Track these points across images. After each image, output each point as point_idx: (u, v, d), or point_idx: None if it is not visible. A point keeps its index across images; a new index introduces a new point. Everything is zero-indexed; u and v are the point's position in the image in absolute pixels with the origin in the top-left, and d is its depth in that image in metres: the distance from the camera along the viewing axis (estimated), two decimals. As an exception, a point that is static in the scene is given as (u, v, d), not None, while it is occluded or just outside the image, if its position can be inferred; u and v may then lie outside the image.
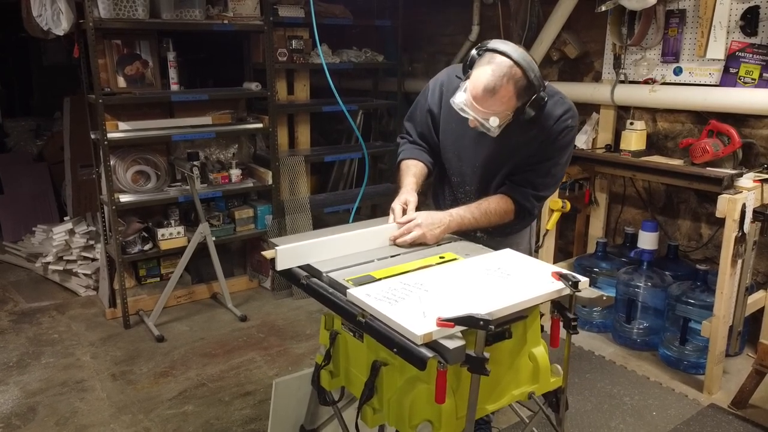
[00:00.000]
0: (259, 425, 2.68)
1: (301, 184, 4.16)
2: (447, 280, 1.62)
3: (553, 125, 1.93)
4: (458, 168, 2.13)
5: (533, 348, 1.67)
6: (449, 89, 2.03)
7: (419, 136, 2.20)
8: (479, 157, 2.05)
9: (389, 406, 1.55)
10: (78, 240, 4.21)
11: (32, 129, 6.03)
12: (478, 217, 1.98)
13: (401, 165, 2.18)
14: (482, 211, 1.99)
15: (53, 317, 3.79)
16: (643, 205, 3.65)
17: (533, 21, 3.94)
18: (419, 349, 1.32)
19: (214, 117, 3.85)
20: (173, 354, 3.31)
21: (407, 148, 2.20)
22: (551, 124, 1.92)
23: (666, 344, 3.15)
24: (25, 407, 2.84)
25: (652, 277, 3.22)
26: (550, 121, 1.92)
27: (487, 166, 2.05)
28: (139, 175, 3.72)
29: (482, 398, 1.53)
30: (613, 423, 2.66)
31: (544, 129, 1.93)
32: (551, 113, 1.92)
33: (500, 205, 2.00)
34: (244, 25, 3.75)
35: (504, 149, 1.99)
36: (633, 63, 3.44)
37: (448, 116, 2.06)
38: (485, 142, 2.00)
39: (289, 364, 3.21)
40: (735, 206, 2.65)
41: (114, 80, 3.56)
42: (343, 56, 4.39)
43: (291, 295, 4.04)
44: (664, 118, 3.46)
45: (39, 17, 3.33)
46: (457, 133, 2.07)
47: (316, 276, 1.76)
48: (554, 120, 1.92)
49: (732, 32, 3.04)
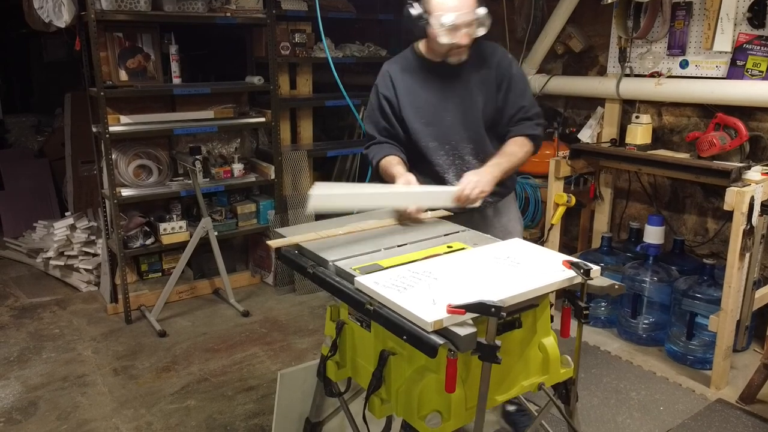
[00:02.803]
0: (263, 420, 2.65)
1: (303, 180, 4.14)
2: (456, 269, 1.59)
3: (500, 56, 2.21)
4: (443, 137, 2.20)
5: (543, 338, 1.65)
6: (396, 72, 2.22)
7: (383, 132, 2.24)
8: (458, 115, 2.19)
9: (397, 396, 1.53)
10: (79, 235, 4.19)
11: (33, 125, 6.02)
12: (509, 160, 2.13)
13: (379, 166, 2.20)
14: (508, 155, 2.15)
15: (54, 312, 3.77)
16: (649, 199, 3.63)
17: (537, 15, 3.92)
18: (429, 336, 1.30)
19: (217, 111, 3.83)
20: (175, 349, 3.28)
21: (376, 150, 2.23)
22: (498, 55, 2.21)
23: (672, 339, 3.13)
24: (26, 402, 2.81)
25: (658, 272, 3.20)
26: (495, 54, 2.21)
27: (467, 122, 2.19)
28: (141, 169, 3.69)
29: (492, 389, 1.50)
30: (620, 418, 2.63)
31: (495, 62, 2.19)
32: (491, 50, 2.22)
33: (518, 144, 2.18)
34: (246, 18, 3.73)
35: (473, 95, 2.18)
36: (638, 56, 3.41)
37: (408, 95, 2.19)
38: (455, 100, 2.18)
39: (291, 359, 3.18)
40: (743, 199, 2.63)
41: (116, 73, 3.54)
42: (346, 50, 4.36)
43: (293, 291, 4.02)
44: (670, 112, 3.43)
45: (40, 9, 3.31)
46: (427, 104, 2.19)
47: (322, 265, 1.74)
48: (497, 52, 2.22)
49: (739, 24, 3.01)
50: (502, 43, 4.14)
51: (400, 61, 2.26)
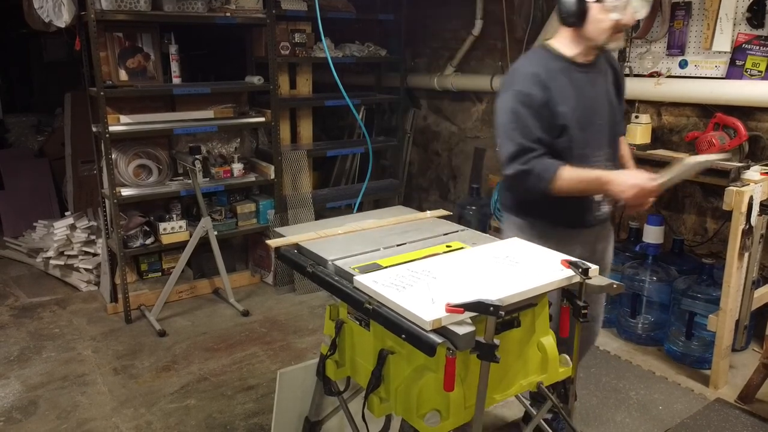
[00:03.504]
0: (262, 419, 2.65)
1: (303, 179, 4.14)
2: (455, 268, 1.60)
3: (610, 53, 2.20)
4: (596, 142, 2.07)
5: (542, 337, 1.65)
6: (543, 73, 1.95)
7: (538, 142, 1.93)
8: (605, 117, 2.10)
9: (396, 395, 1.53)
10: (79, 235, 4.19)
11: (33, 125, 6.02)
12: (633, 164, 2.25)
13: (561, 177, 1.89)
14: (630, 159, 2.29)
15: (54, 312, 3.77)
16: (648, 199, 3.62)
17: (537, 15, 3.91)
18: (428, 335, 1.30)
19: (216, 111, 3.83)
20: (175, 348, 3.29)
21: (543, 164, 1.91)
22: (610, 52, 2.19)
23: (671, 339, 3.13)
24: (26, 401, 2.82)
25: (657, 272, 3.20)
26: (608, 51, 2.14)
27: (612, 124, 2.13)
28: (141, 168, 3.70)
29: (491, 388, 1.51)
30: (619, 417, 2.64)
31: (611, 58, 2.18)
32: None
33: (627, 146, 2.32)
34: (246, 18, 3.73)
35: (610, 95, 2.14)
36: (638, 56, 3.41)
37: (564, 98, 1.97)
38: (601, 101, 2.09)
39: (291, 358, 3.19)
40: (742, 198, 2.63)
41: (116, 73, 3.54)
42: (345, 50, 4.37)
43: (293, 290, 4.02)
44: (670, 112, 3.43)
45: (40, 9, 3.31)
46: (580, 107, 2.01)
47: (321, 264, 1.74)
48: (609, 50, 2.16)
49: (738, 24, 3.01)
50: (502, 43, 4.15)
51: (540, 61, 2.01)
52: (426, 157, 5.09)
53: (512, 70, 2.03)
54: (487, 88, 4.24)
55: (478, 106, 4.56)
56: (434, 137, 4.97)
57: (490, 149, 4.46)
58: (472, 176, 4.65)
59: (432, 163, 5.05)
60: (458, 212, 4.17)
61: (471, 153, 4.67)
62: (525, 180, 1.90)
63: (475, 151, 4.62)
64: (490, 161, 4.50)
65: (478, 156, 4.60)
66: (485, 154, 4.54)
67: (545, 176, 1.87)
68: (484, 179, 4.47)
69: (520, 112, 1.91)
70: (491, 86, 4.19)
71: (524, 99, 1.92)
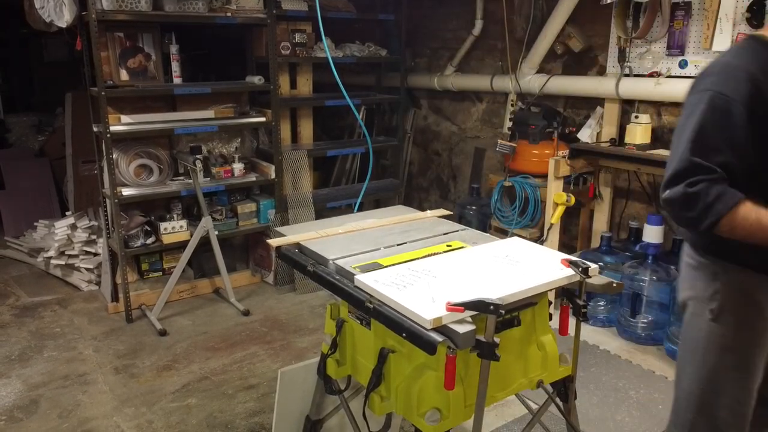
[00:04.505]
0: (263, 418, 2.66)
1: (303, 179, 4.15)
2: (455, 267, 1.60)
3: None
4: None
5: (542, 336, 1.66)
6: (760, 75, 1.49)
7: (723, 167, 1.45)
8: None
9: (397, 393, 1.54)
10: (80, 234, 4.20)
11: (34, 125, 6.03)
12: None
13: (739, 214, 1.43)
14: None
15: (55, 311, 3.78)
16: (648, 199, 3.63)
17: (537, 15, 3.92)
18: (429, 333, 1.31)
19: (217, 111, 3.84)
20: (176, 348, 3.29)
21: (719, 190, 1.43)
22: None
23: (671, 338, 3.13)
24: (27, 400, 2.82)
25: (657, 271, 3.20)
26: None
27: None
28: (142, 168, 3.70)
29: (491, 386, 1.51)
30: (619, 416, 2.64)
31: None
32: None
33: None
34: (247, 18, 3.73)
35: None
36: (638, 56, 3.42)
37: None
38: None
39: (292, 357, 3.19)
40: (742, 198, 2.63)
41: (116, 73, 3.55)
42: (346, 50, 4.37)
43: (293, 290, 4.03)
44: (670, 112, 3.44)
45: (41, 9, 3.32)
46: None
47: (322, 264, 1.75)
48: None
49: (738, 24, 3.01)
50: (502, 43, 4.15)
51: (754, 58, 1.52)
52: (426, 157, 5.10)
53: (718, 65, 1.56)
54: (488, 88, 4.25)
55: (479, 106, 4.57)
56: (434, 137, 4.98)
57: (490, 149, 4.47)
58: (472, 176, 4.66)
59: (432, 163, 5.06)
60: (458, 212, 4.18)
61: (471, 153, 4.67)
62: (686, 208, 1.46)
63: (476, 151, 4.62)
64: (490, 161, 4.51)
65: (478, 156, 4.60)
66: (485, 154, 4.55)
67: (717, 208, 1.42)
68: (484, 179, 4.48)
69: (714, 120, 1.47)
70: (491, 86, 4.21)
71: (724, 105, 1.47)
